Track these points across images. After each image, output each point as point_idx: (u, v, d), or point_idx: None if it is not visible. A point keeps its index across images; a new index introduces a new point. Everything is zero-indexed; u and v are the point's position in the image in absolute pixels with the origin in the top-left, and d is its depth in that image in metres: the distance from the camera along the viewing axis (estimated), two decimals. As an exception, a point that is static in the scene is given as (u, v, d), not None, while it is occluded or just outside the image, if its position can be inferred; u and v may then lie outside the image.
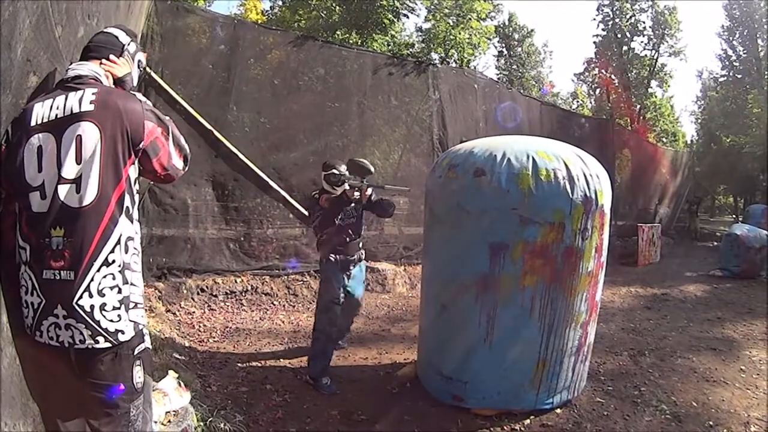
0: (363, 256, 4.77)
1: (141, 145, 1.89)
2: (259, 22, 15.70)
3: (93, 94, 1.81)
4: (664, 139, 29.32)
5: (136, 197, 1.97)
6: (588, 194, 3.42)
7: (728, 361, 5.02)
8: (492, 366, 3.61)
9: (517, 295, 3.49)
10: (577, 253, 3.48)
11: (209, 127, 6.35)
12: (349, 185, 4.23)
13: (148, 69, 5.71)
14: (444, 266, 3.94)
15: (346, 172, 4.39)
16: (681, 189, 18.87)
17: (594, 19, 31.72)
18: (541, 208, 3.40)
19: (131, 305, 1.88)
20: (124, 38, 2.11)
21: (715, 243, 15.01)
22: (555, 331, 3.53)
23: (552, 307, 3.48)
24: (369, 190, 4.34)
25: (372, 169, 4.32)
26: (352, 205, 4.40)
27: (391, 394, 4.15)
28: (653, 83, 30.89)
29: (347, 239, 4.47)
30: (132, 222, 1.90)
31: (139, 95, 2.00)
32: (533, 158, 3.44)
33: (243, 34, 6.97)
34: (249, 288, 6.79)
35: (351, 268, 4.56)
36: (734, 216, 26.58)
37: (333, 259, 4.42)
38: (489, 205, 3.51)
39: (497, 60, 33.11)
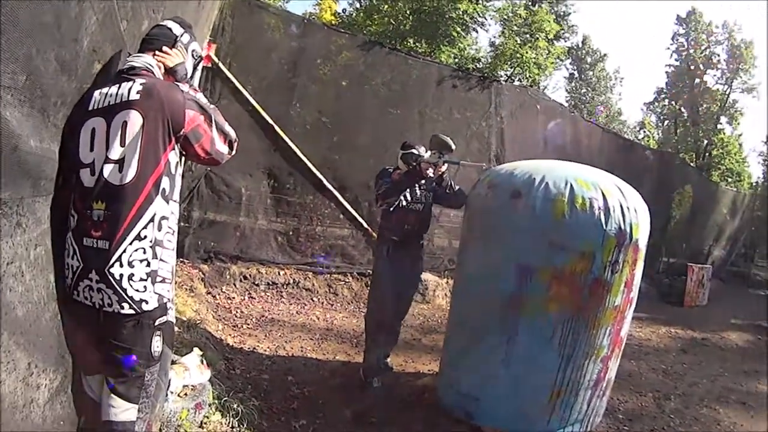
0: (422, 255, 4.58)
1: (182, 132, 2.06)
2: (332, 23, 15.97)
3: (141, 84, 1.99)
4: (728, 178, 28.04)
5: (177, 180, 2.13)
6: (622, 227, 3.39)
7: (756, 418, 4.81)
8: (506, 387, 3.62)
9: (539, 320, 3.49)
10: (605, 285, 3.45)
11: (271, 121, 6.56)
12: (425, 160, 4.08)
13: (215, 59, 5.97)
14: (472, 282, 3.98)
15: (426, 153, 4.23)
16: (739, 232, 17.97)
17: (668, 48, 30.80)
18: (572, 236, 3.39)
19: (158, 279, 2.04)
20: (177, 30, 2.28)
21: (768, 292, 14.36)
22: (574, 361, 3.51)
23: (573, 337, 3.47)
24: (444, 167, 4.15)
25: (453, 147, 4.08)
26: (423, 182, 4.24)
27: (406, 402, 4.22)
28: (723, 119, 29.67)
29: (406, 227, 4.27)
30: (168, 203, 2.06)
31: (183, 86, 2.17)
32: (571, 185, 3.43)
33: (313, 34, 7.19)
34: (291, 281, 6.95)
35: (405, 264, 4.34)
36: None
37: (383, 253, 4.32)
38: (522, 227, 3.52)
39: (568, 82, 32.59)
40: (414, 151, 4.31)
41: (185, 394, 3.11)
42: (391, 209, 4.20)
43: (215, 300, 6.01)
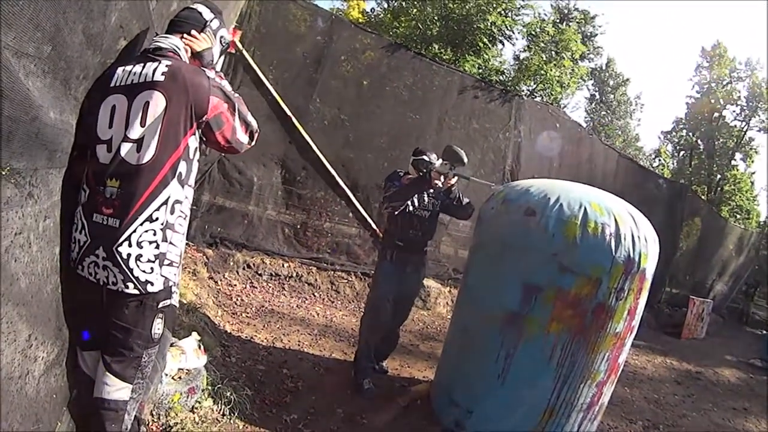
0: (425, 262, 4.56)
1: (204, 118, 2.06)
2: (359, 21, 15.94)
3: (166, 66, 1.98)
4: (737, 215, 27.82)
5: (194, 165, 2.13)
6: (631, 255, 3.36)
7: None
8: (500, 402, 3.60)
9: (540, 340, 3.46)
10: (608, 311, 3.43)
11: (289, 113, 6.55)
12: (435, 169, 4.08)
13: (240, 46, 5.98)
14: (477, 294, 3.96)
15: (437, 162, 4.23)
16: (742, 269, 17.67)
17: (690, 80, 30.72)
18: (581, 260, 3.37)
19: (166, 262, 2.04)
20: (207, 15, 2.28)
21: (765, 332, 14.23)
22: (569, 383, 3.49)
23: (571, 360, 3.44)
24: (454, 179, 4.17)
25: (465, 160, 4.09)
26: (431, 191, 4.26)
27: (399, 407, 4.19)
28: (737, 155, 29.49)
29: (410, 232, 4.26)
30: (183, 187, 2.06)
31: (209, 72, 2.16)
32: (585, 208, 3.41)
33: (339, 30, 7.14)
34: (294, 274, 6.93)
35: (407, 270, 4.33)
36: (792, 309, 24.78)
37: (387, 258, 4.30)
38: (532, 246, 3.50)
39: (589, 103, 32.42)
40: (425, 157, 4.30)
41: (179, 378, 3.11)
42: (397, 213, 4.19)
43: (217, 286, 6.00)
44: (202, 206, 6.20)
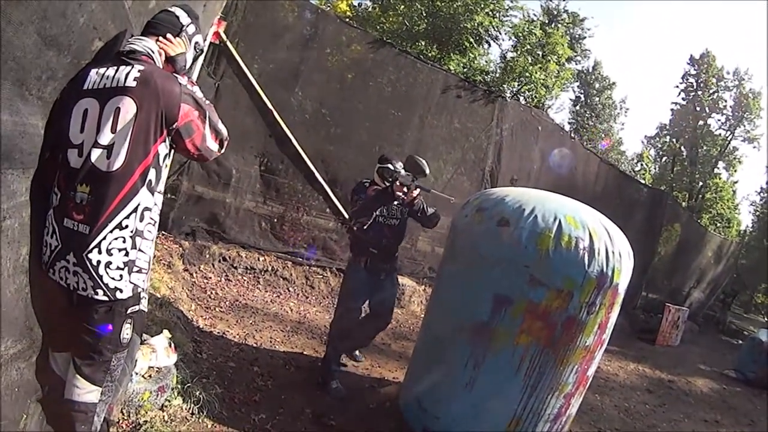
0: (397, 267, 4.59)
1: (174, 125, 2.05)
2: (347, 14, 15.89)
3: (139, 71, 1.97)
4: (717, 223, 28.27)
5: (164, 172, 2.13)
6: (605, 270, 3.37)
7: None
8: (467, 410, 3.61)
9: (508, 351, 3.46)
10: (578, 325, 3.44)
11: (270, 106, 6.50)
12: (399, 182, 4.07)
13: (224, 37, 5.92)
14: (448, 301, 3.97)
15: (402, 171, 4.22)
16: (720, 278, 18.00)
17: (677, 86, 31.12)
18: (553, 273, 3.37)
19: (135, 269, 2.05)
20: (184, 19, 2.27)
21: (740, 341, 14.31)
22: (537, 394, 3.50)
23: (539, 371, 3.45)
24: (416, 191, 4.16)
25: (427, 171, 4.16)
26: (396, 203, 4.25)
27: (367, 408, 4.22)
28: (720, 164, 29.99)
29: (383, 241, 4.29)
30: (153, 194, 2.06)
31: (182, 78, 2.16)
32: (560, 221, 3.41)
33: (325, 24, 7.12)
34: (269, 268, 6.91)
35: (381, 276, 4.38)
36: (768, 319, 25.26)
37: (361, 265, 4.30)
38: (504, 257, 3.50)
39: (573, 105, 32.61)
40: (390, 166, 4.29)
41: (149, 376, 3.11)
42: (366, 227, 4.18)
43: (191, 278, 5.96)
44: (180, 197, 6.15)
